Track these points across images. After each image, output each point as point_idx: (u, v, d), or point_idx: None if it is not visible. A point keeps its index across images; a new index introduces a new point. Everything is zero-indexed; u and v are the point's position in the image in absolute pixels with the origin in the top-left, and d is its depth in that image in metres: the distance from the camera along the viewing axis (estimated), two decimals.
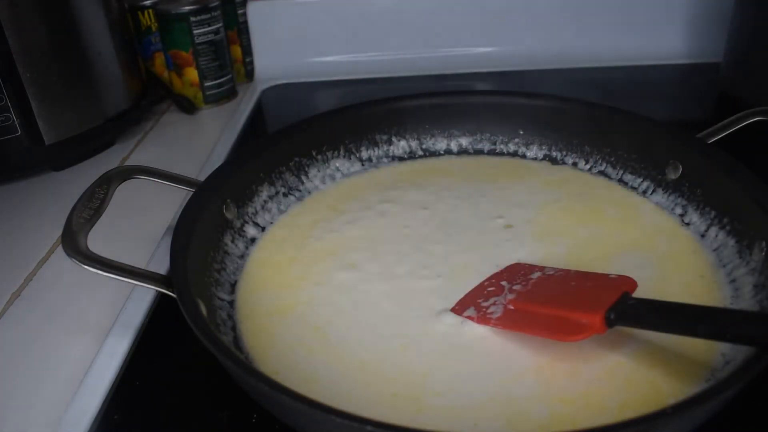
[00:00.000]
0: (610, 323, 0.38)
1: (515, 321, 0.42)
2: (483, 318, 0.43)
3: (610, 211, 0.56)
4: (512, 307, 0.43)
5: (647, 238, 0.53)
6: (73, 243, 0.43)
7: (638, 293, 0.41)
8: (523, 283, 0.45)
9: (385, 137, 0.66)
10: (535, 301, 0.43)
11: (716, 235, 0.51)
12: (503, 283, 0.46)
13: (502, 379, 0.40)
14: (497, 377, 0.40)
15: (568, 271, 0.46)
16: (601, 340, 0.41)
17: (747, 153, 0.52)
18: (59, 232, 0.45)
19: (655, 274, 0.48)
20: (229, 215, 0.54)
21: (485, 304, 0.44)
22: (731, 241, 0.49)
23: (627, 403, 0.38)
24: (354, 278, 0.50)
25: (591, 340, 0.40)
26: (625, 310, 0.38)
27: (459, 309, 0.45)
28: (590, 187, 0.60)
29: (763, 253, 0.45)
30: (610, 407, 0.38)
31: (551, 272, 0.46)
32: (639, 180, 0.59)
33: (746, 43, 0.77)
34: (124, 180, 0.52)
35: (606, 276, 0.43)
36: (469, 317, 0.44)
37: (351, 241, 0.54)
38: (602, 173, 0.62)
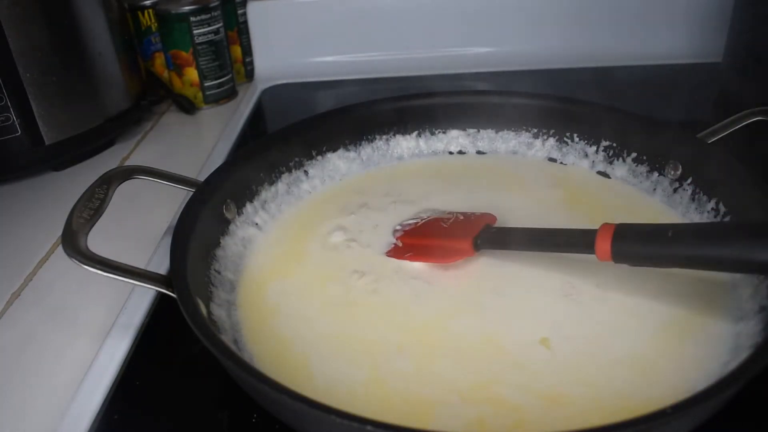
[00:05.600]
0: (477, 247, 0.50)
1: (411, 253, 0.52)
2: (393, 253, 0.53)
3: (609, 209, 0.56)
4: (402, 243, 0.54)
5: None
6: (73, 243, 0.43)
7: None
8: (416, 223, 0.55)
9: (385, 137, 0.66)
10: (424, 236, 0.54)
11: None
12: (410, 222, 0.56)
13: None
14: None
15: (452, 213, 0.56)
16: (603, 339, 0.41)
17: (747, 153, 0.52)
18: (59, 232, 0.45)
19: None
20: (229, 215, 0.54)
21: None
22: None
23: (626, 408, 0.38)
24: (355, 277, 0.50)
25: None
26: (488, 237, 0.51)
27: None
28: (590, 185, 0.60)
29: None
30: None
31: (437, 215, 0.56)
32: (639, 180, 0.59)
33: (746, 43, 0.77)
34: (124, 180, 0.52)
35: (474, 214, 0.54)
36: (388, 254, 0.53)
37: (351, 240, 0.54)
38: (602, 173, 0.62)
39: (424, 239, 0.53)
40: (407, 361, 0.42)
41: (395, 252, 0.53)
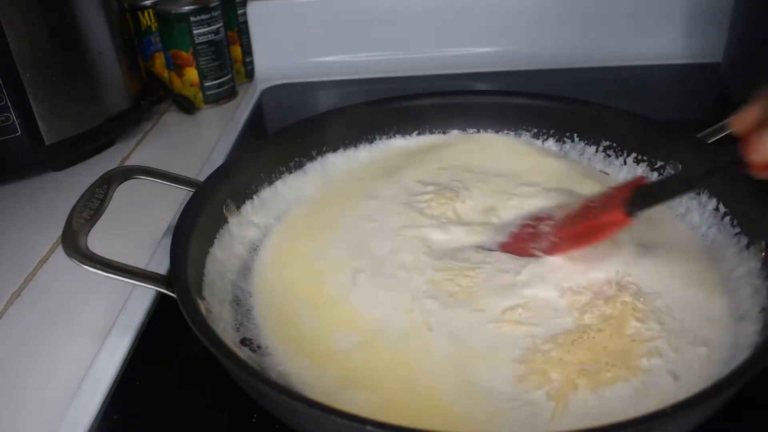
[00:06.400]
0: (631, 212, 0.44)
1: (564, 245, 0.49)
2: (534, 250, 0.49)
3: None
4: (556, 238, 0.49)
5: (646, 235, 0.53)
6: (73, 243, 0.44)
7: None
8: (551, 221, 0.51)
9: (385, 137, 0.66)
10: (570, 225, 0.49)
11: (716, 236, 0.51)
12: (532, 229, 0.51)
13: None
14: None
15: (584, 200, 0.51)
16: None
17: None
18: (59, 232, 0.45)
19: (656, 272, 0.48)
20: (229, 215, 0.54)
21: (534, 245, 0.50)
22: (731, 242, 0.49)
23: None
24: (355, 275, 0.50)
25: None
26: (639, 197, 0.44)
27: (517, 249, 0.50)
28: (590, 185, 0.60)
29: (763, 253, 0.45)
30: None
31: (567, 209, 0.51)
32: None
33: (746, 43, 0.77)
34: (124, 180, 0.52)
35: (615, 187, 0.48)
36: (533, 254, 0.49)
37: (351, 239, 0.54)
38: (602, 172, 0.62)
39: (576, 226, 0.49)
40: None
41: (554, 248, 0.49)
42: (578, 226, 0.49)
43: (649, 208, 0.44)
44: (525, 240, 0.51)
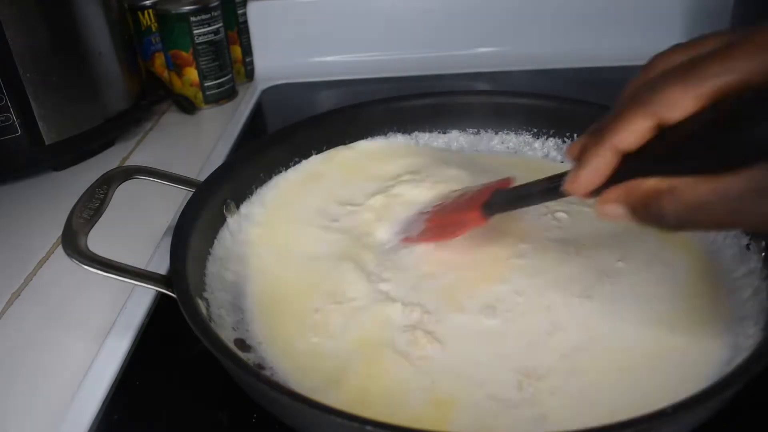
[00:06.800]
0: (487, 214, 0.46)
1: (430, 235, 0.50)
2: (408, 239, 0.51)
3: None
4: (427, 226, 0.51)
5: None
6: (73, 243, 0.44)
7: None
8: (438, 206, 0.52)
9: (384, 137, 0.66)
10: (437, 216, 0.51)
11: (715, 237, 0.51)
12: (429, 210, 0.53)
13: None
14: None
15: (471, 188, 0.51)
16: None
17: None
18: (59, 232, 0.45)
19: (657, 271, 0.48)
20: (229, 215, 0.54)
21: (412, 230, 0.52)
22: (730, 242, 0.49)
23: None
24: (355, 276, 0.50)
25: None
26: (495, 201, 0.46)
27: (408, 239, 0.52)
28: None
29: (763, 253, 0.45)
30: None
31: (457, 194, 0.52)
32: None
33: None
34: (124, 180, 0.52)
35: (490, 183, 0.49)
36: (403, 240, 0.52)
37: (351, 240, 0.54)
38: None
39: (439, 219, 0.51)
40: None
41: (409, 238, 0.51)
42: (443, 219, 0.50)
43: (502, 212, 0.46)
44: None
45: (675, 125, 0.31)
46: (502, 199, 0.46)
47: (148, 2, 0.87)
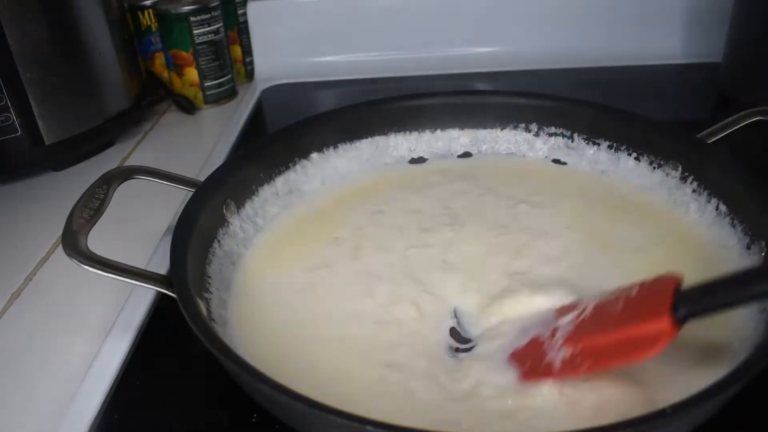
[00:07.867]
0: (681, 320, 0.34)
1: (581, 363, 0.37)
2: (548, 372, 0.38)
3: (609, 209, 0.56)
4: (572, 350, 0.38)
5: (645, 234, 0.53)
6: (73, 243, 0.43)
7: None
8: (567, 324, 0.40)
9: (384, 137, 0.66)
10: (592, 333, 0.38)
11: (715, 236, 0.51)
12: (546, 334, 0.40)
13: None
14: None
15: (602, 296, 0.40)
16: None
17: (747, 153, 0.52)
18: (59, 232, 0.45)
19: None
20: (229, 215, 0.54)
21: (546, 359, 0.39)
22: (731, 242, 0.49)
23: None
24: (355, 278, 0.50)
25: None
26: (690, 301, 0.34)
27: (528, 374, 0.39)
28: (591, 185, 0.60)
29: (763, 253, 0.45)
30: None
31: (585, 305, 0.40)
32: (639, 179, 0.59)
33: (746, 43, 0.77)
34: (124, 180, 0.52)
35: (645, 282, 0.38)
36: (538, 378, 0.39)
37: (352, 240, 0.54)
38: (603, 172, 0.62)
39: (598, 336, 0.38)
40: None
41: (567, 369, 0.38)
42: (597, 338, 0.37)
43: (703, 317, 0.35)
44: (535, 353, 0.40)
45: None
46: (703, 298, 0.34)
47: (148, 2, 0.87)
